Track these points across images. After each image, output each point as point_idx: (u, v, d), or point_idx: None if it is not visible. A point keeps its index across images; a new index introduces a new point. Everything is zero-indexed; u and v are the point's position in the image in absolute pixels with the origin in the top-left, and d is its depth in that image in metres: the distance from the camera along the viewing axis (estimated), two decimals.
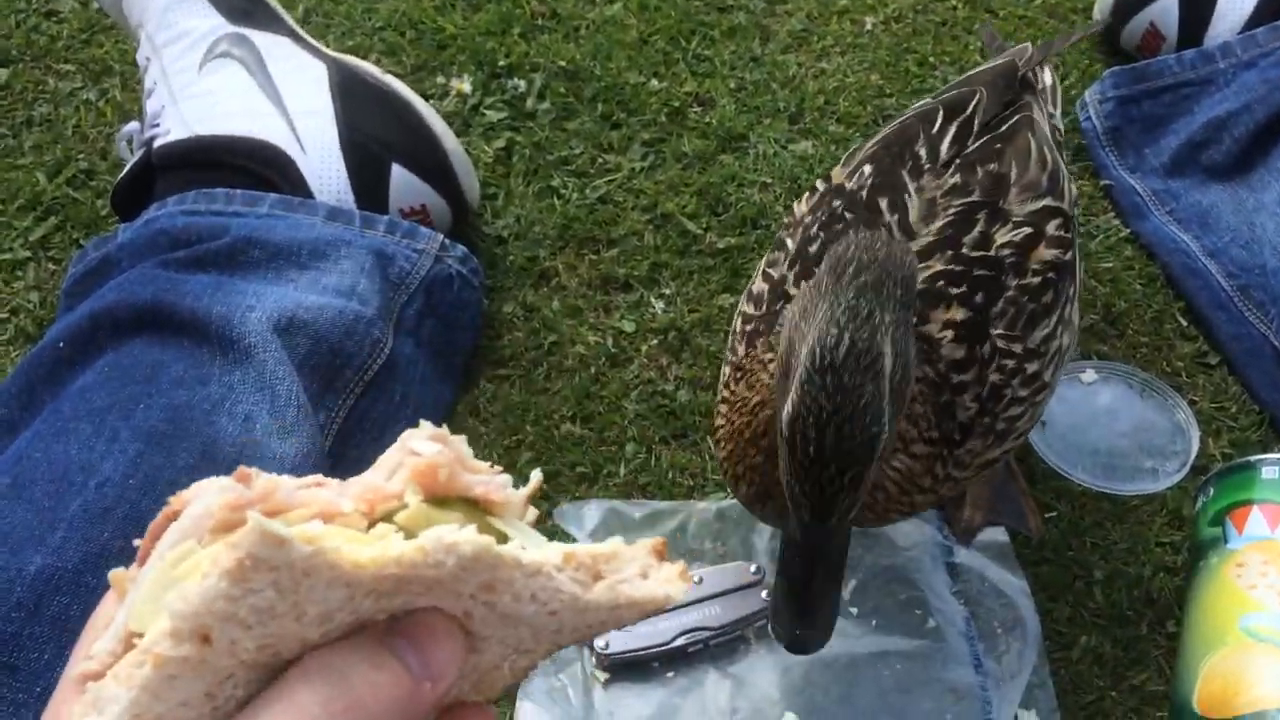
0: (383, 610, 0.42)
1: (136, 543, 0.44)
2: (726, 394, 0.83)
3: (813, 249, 0.83)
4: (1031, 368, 0.82)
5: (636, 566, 0.46)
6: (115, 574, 0.45)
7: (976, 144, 0.87)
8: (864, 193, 0.85)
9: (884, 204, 0.83)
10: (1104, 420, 1.07)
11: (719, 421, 0.83)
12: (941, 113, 0.90)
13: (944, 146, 0.87)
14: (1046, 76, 0.98)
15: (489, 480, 0.45)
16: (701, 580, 0.95)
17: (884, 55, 1.37)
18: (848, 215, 0.84)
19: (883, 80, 1.35)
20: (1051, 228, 0.85)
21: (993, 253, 0.81)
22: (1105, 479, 1.03)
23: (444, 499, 0.44)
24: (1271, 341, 1.07)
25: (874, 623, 0.95)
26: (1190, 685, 0.84)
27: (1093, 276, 1.18)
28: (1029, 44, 1.00)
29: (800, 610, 0.71)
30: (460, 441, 0.46)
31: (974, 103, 0.90)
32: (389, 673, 0.41)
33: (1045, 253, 0.83)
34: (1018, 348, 0.81)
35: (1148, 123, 1.24)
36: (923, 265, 0.80)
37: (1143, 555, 1.00)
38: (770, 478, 0.78)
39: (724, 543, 1.00)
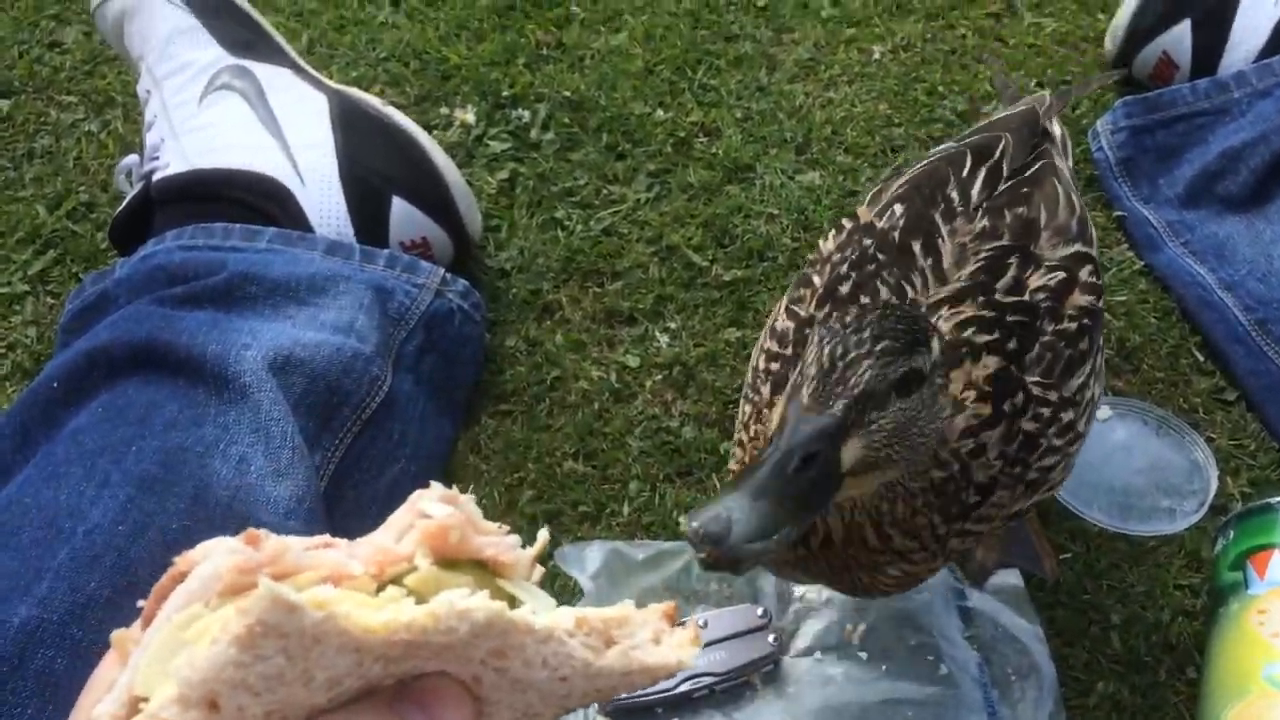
0: (391, 675, 0.42)
1: (140, 603, 0.43)
2: (744, 437, 0.79)
3: (843, 288, 0.80)
4: (1067, 416, 0.78)
5: (649, 631, 0.46)
6: (117, 635, 0.44)
7: (1005, 187, 0.85)
8: (896, 234, 0.82)
9: (917, 247, 0.80)
10: (1119, 458, 1.05)
11: (733, 466, 0.80)
12: (970, 157, 0.87)
13: (975, 191, 0.84)
14: (1055, 128, 0.95)
15: (498, 541, 0.45)
16: (706, 624, 0.93)
17: (892, 84, 1.36)
18: (880, 256, 0.80)
19: (891, 110, 1.34)
20: (1084, 274, 0.82)
21: (1027, 297, 0.78)
22: (1121, 519, 1.01)
23: (453, 561, 0.44)
24: None
25: (884, 668, 0.92)
26: None
27: (1107, 310, 1.15)
28: (1046, 93, 0.98)
29: (745, 490, 0.57)
30: (469, 502, 0.46)
31: (1001, 148, 0.87)
32: None
33: (1080, 299, 0.80)
34: (1053, 395, 0.77)
35: (1161, 153, 1.22)
36: (954, 311, 0.77)
37: (1161, 599, 0.97)
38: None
39: (729, 584, 0.97)
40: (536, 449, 1.07)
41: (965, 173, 0.85)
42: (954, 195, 0.84)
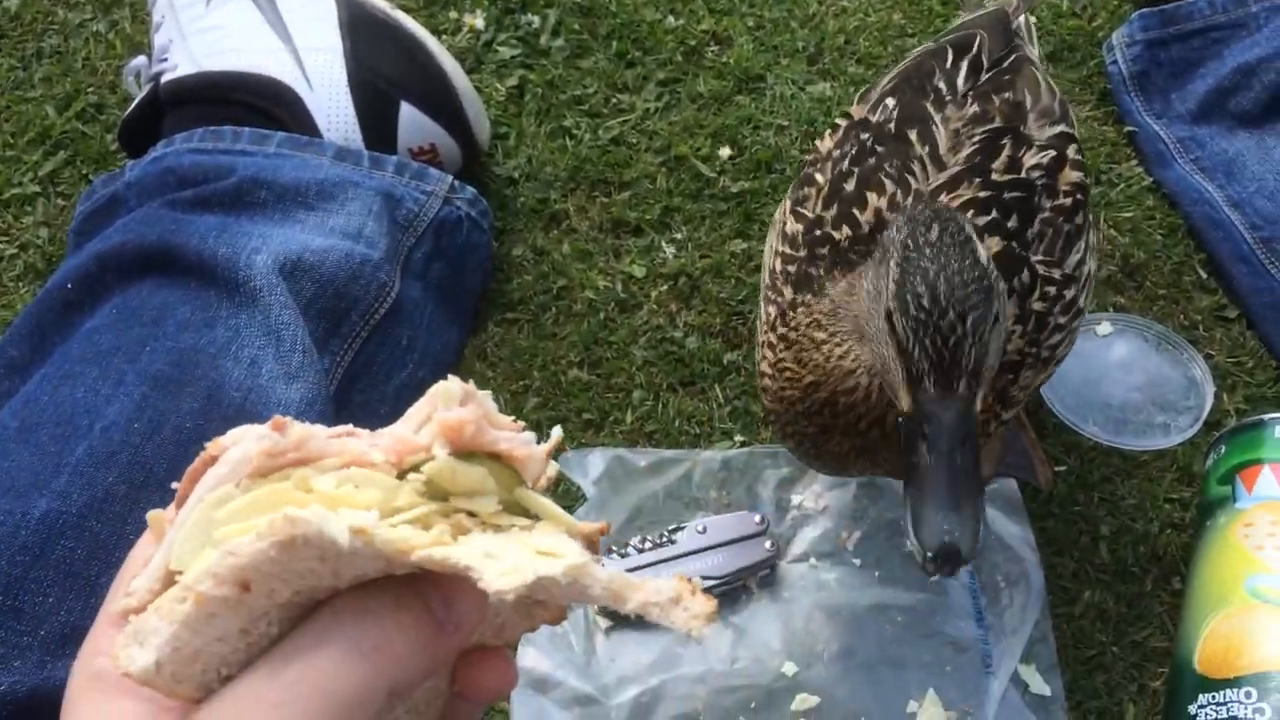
0: (415, 565, 0.44)
1: (175, 485, 0.46)
2: (772, 338, 0.81)
3: (848, 185, 0.83)
4: (1070, 294, 0.82)
5: (670, 591, 0.47)
6: (153, 515, 0.47)
7: (988, 76, 0.89)
8: (891, 125, 0.85)
9: (913, 135, 0.84)
10: (1117, 374, 1.06)
11: (764, 369, 0.82)
12: (950, 50, 0.90)
13: (960, 80, 0.88)
14: (1020, 19, 0.97)
15: (512, 436, 0.47)
16: (705, 530, 0.95)
17: None
18: (879, 148, 0.84)
19: (905, 19, 1.32)
20: (1071, 152, 0.86)
21: (1023, 175, 0.82)
22: (1116, 434, 1.02)
23: (470, 452, 0.46)
24: None
25: (876, 575, 0.95)
26: (1192, 645, 0.84)
27: (1112, 226, 1.15)
28: None
29: (945, 503, 0.64)
30: (486, 397, 0.47)
31: (978, 42, 0.90)
32: (415, 615, 0.42)
33: (1071, 174, 0.84)
34: (1057, 273, 0.81)
35: (1176, 67, 1.21)
36: (952, 195, 0.80)
37: (1151, 511, 1.00)
38: (824, 447, 0.79)
39: (729, 492, 0.99)
40: (542, 357, 1.08)
41: (948, 64, 0.89)
42: (941, 85, 0.87)
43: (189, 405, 0.82)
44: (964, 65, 0.88)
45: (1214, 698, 0.80)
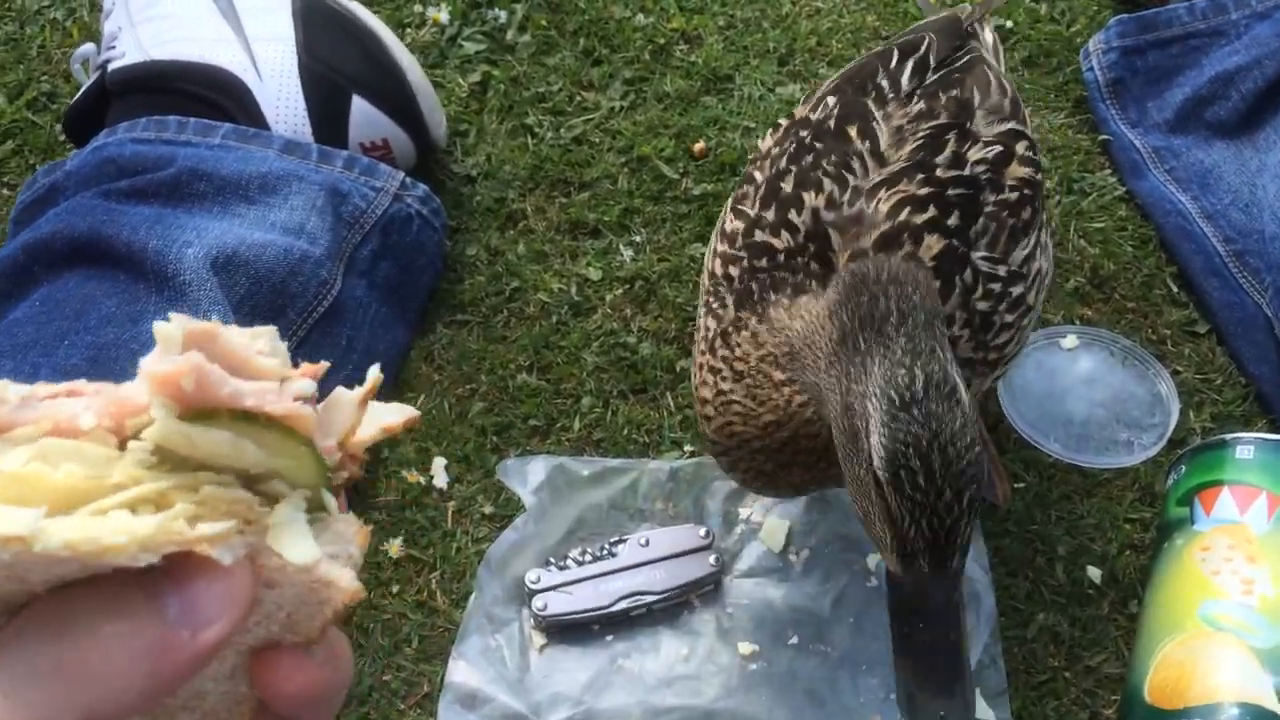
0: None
1: None
2: (715, 362, 0.77)
3: (784, 184, 0.80)
4: (1016, 290, 0.80)
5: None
6: None
7: (936, 75, 0.86)
8: (831, 121, 0.83)
9: (853, 131, 0.81)
10: (1081, 389, 1.03)
11: (704, 394, 0.77)
12: (897, 52, 0.88)
13: (904, 79, 0.85)
14: (987, 35, 0.94)
15: (264, 389, 0.36)
16: (648, 542, 0.92)
17: None
18: (817, 145, 0.81)
19: (879, 22, 1.29)
20: (1020, 148, 0.83)
21: (967, 171, 0.79)
22: (1077, 450, 0.99)
23: (211, 411, 0.36)
24: (1265, 311, 1.02)
25: (824, 591, 0.92)
26: (1144, 672, 0.81)
27: (1083, 236, 1.12)
28: (968, 3, 0.98)
29: (939, 687, 0.66)
30: (234, 336, 0.37)
31: (926, 44, 0.88)
32: (130, 622, 0.34)
33: (1019, 169, 0.82)
34: (1002, 270, 0.79)
35: (1153, 75, 1.17)
36: (892, 191, 0.77)
37: (1110, 531, 0.96)
38: (782, 479, 0.77)
39: (675, 504, 0.96)
40: (490, 360, 1.05)
41: (893, 64, 0.86)
42: (884, 84, 0.85)
43: None
44: (909, 65, 0.86)
45: None
